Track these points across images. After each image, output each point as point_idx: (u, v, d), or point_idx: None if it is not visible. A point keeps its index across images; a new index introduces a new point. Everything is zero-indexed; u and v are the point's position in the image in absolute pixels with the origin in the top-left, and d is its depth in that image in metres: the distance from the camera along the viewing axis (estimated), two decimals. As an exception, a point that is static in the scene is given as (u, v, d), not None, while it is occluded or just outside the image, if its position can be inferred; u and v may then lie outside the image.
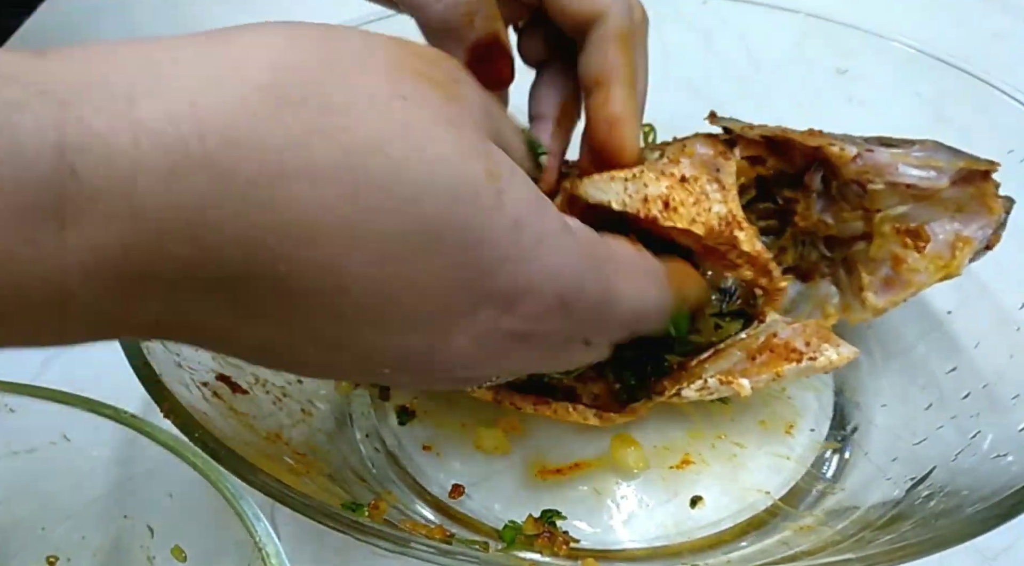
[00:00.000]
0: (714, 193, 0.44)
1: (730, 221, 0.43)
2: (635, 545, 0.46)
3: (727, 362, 0.45)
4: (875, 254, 0.47)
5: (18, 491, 0.42)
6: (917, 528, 0.40)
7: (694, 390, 0.45)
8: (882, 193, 0.45)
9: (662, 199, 0.43)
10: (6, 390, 0.41)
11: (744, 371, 0.45)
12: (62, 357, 0.57)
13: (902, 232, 0.46)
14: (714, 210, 0.43)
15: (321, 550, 0.46)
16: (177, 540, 0.41)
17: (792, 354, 0.45)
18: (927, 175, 0.44)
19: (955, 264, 0.45)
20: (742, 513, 0.47)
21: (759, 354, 0.45)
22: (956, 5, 0.85)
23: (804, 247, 0.50)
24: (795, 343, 0.45)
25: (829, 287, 0.49)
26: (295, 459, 0.43)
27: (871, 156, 0.45)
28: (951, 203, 0.45)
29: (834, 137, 0.46)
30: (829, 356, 0.44)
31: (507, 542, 0.44)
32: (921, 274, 0.46)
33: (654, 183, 0.43)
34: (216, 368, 0.45)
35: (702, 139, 0.47)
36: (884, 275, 0.47)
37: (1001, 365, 0.48)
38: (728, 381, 0.44)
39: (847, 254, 0.49)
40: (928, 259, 0.45)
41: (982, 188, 0.44)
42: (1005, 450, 0.43)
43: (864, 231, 0.47)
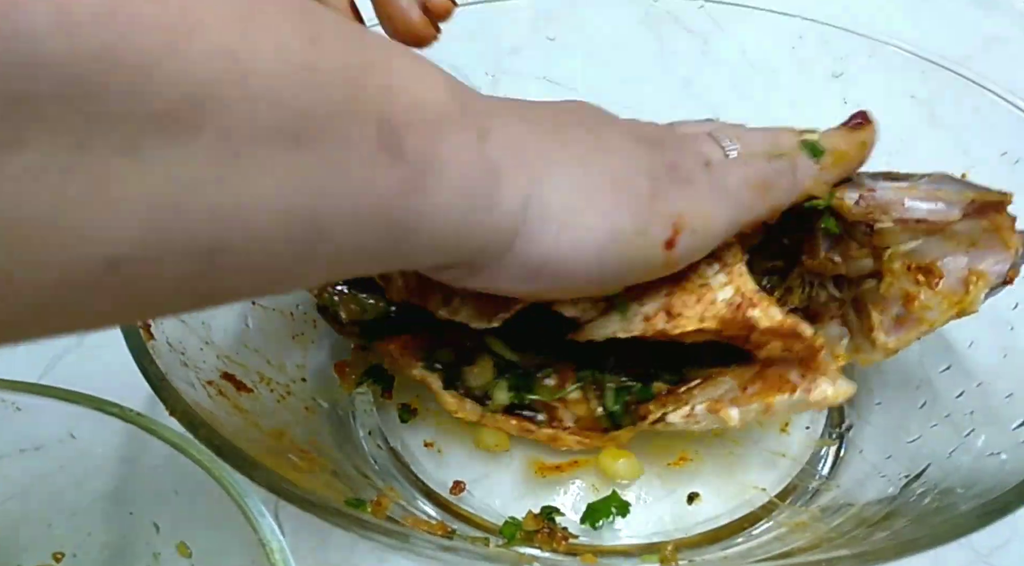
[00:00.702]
0: (716, 277, 0.42)
1: (740, 302, 0.41)
2: (633, 541, 0.46)
3: (717, 390, 0.44)
4: (886, 292, 0.44)
5: (25, 488, 0.43)
6: (911, 525, 0.40)
7: (680, 417, 0.44)
8: (891, 231, 0.43)
9: (664, 310, 0.41)
10: (12, 389, 0.41)
11: (734, 400, 0.43)
12: (68, 356, 0.57)
13: (913, 269, 0.43)
14: (720, 299, 0.41)
15: (324, 546, 0.46)
16: (182, 537, 0.41)
17: (785, 385, 0.43)
18: (936, 208, 0.42)
19: (969, 300, 0.43)
20: (738, 509, 0.47)
21: (751, 384, 0.43)
22: (950, 9, 0.86)
23: (812, 287, 0.47)
24: (789, 374, 0.43)
25: (839, 329, 0.47)
26: (299, 456, 0.44)
27: (874, 196, 0.42)
28: (964, 237, 0.43)
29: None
30: (824, 390, 0.42)
31: (507, 538, 0.44)
32: (933, 311, 0.43)
33: (651, 295, 0.41)
34: (221, 366, 0.46)
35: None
36: (896, 314, 0.44)
37: (995, 364, 0.48)
38: (716, 410, 0.43)
39: (857, 293, 0.47)
40: (941, 296, 0.43)
41: (996, 221, 0.42)
42: (999, 448, 0.43)
43: (874, 269, 0.45)
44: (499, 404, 0.47)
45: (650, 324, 0.42)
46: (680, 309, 0.41)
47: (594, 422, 0.46)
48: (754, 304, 0.41)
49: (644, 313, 0.42)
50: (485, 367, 0.47)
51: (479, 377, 0.47)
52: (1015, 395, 0.45)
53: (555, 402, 0.47)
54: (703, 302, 0.41)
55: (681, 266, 0.40)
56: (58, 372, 0.56)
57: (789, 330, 0.41)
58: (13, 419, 0.41)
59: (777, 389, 0.43)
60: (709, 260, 0.42)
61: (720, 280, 0.42)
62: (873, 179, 0.44)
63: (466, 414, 0.47)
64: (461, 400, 0.47)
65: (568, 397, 0.47)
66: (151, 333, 0.41)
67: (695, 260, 0.40)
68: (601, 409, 0.46)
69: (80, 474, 0.42)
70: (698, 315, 0.41)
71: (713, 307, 0.41)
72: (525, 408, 0.47)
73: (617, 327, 0.43)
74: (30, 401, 0.41)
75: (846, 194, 0.43)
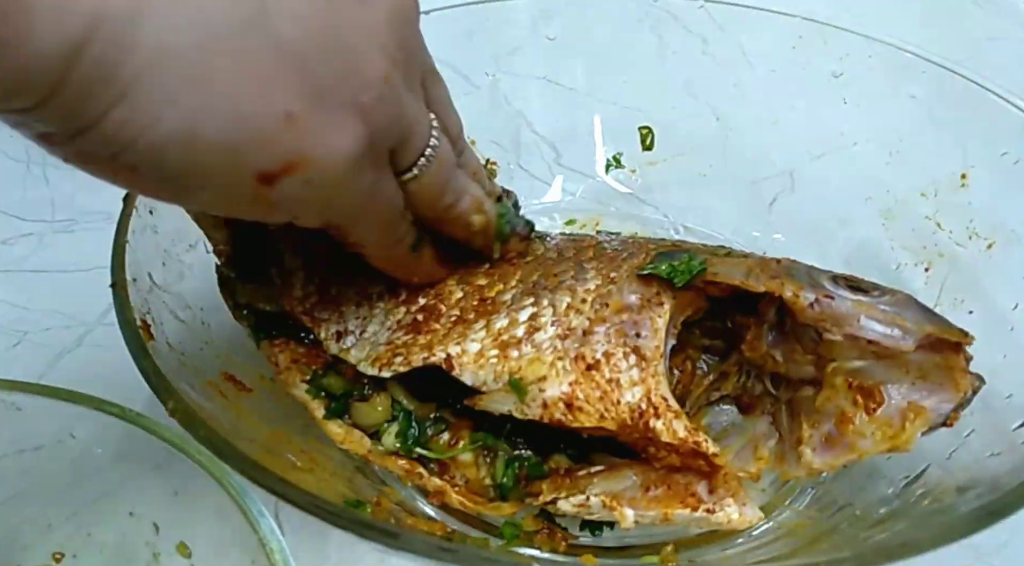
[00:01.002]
0: (628, 373, 0.39)
1: (644, 410, 0.39)
2: (633, 541, 0.46)
3: (618, 484, 0.41)
4: (821, 406, 0.41)
5: (25, 489, 0.43)
6: (912, 526, 0.40)
7: (572, 504, 0.41)
8: (839, 345, 0.40)
9: (564, 400, 0.39)
10: (13, 389, 0.41)
11: (632, 501, 0.40)
12: (68, 356, 0.58)
13: (855, 388, 0.40)
14: (624, 400, 0.39)
15: (325, 546, 0.46)
16: (182, 537, 0.41)
17: (689, 499, 0.40)
18: (891, 333, 0.39)
19: (904, 438, 0.39)
20: (739, 510, 0.47)
21: (654, 486, 0.40)
22: (950, 9, 0.86)
23: (748, 378, 0.45)
24: (696, 487, 0.40)
25: (768, 426, 0.44)
26: (298, 457, 0.44)
27: (830, 303, 0.40)
28: (914, 368, 0.40)
29: (794, 274, 0.41)
30: (730, 514, 0.39)
31: (507, 538, 0.44)
32: (867, 440, 0.40)
33: (555, 381, 0.39)
34: (221, 367, 0.46)
35: (636, 283, 0.42)
36: (827, 431, 0.41)
37: (995, 365, 0.48)
38: (612, 507, 0.40)
39: (793, 396, 0.44)
40: (876, 424, 0.40)
41: (950, 360, 0.39)
42: (999, 449, 0.43)
43: (814, 377, 0.42)
44: (387, 448, 0.44)
45: (547, 412, 0.40)
46: (582, 403, 0.39)
47: (482, 488, 0.43)
48: (658, 415, 0.39)
49: (544, 399, 0.40)
50: (378, 408, 0.44)
51: (369, 417, 0.44)
52: (1015, 396, 0.45)
53: (448, 459, 0.44)
54: (607, 400, 0.39)
55: (275, 215, 0.34)
56: (58, 372, 0.56)
57: (689, 450, 0.39)
58: (13, 419, 0.41)
59: (680, 500, 0.40)
60: (627, 350, 0.40)
61: (632, 377, 0.40)
62: (834, 283, 0.41)
63: (353, 446, 0.43)
64: (349, 430, 0.44)
65: (459, 457, 0.43)
66: (151, 333, 0.41)
67: (297, 213, 0.34)
68: (489, 479, 0.43)
69: (80, 474, 0.42)
70: (598, 413, 0.39)
71: (616, 408, 0.39)
72: (418, 457, 0.44)
73: (513, 407, 0.41)
74: (30, 401, 0.41)
75: (803, 294, 0.40)
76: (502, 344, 0.41)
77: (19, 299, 0.62)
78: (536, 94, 0.66)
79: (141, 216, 0.45)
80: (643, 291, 0.41)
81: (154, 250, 0.46)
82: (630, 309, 0.41)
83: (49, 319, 0.60)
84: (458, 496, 0.43)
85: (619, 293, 0.41)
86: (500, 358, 0.41)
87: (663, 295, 0.41)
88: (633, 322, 0.41)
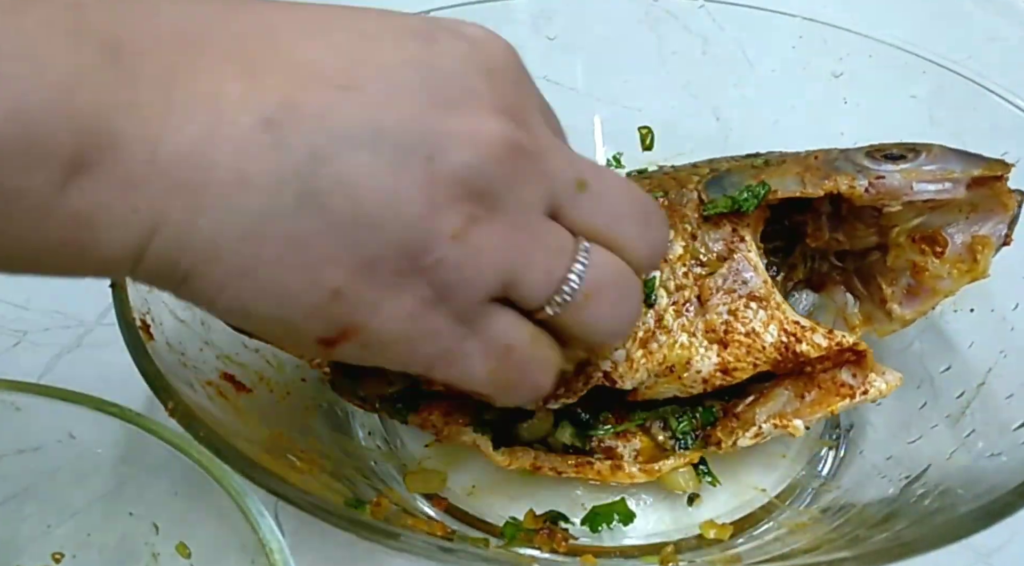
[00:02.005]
0: (756, 319, 0.43)
1: (786, 342, 0.42)
2: (633, 541, 0.46)
3: (776, 404, 0.44)
4: (893, 264, 0.45)
5: (24, 489, 0.43)
6: (912, 526, 0.40)
7: (749, 438, 0.44)
8: (898, 212, 0.44)
9: (719, 369, 0.43)
10: (12, 389, 0.41)
11: (796, 412, 0.44)
12: (68, 356, 0.58)
13: (918, 240, 0.45)
14: (767, 343, 0.42)
15: (324, 547, 0.46)
16: (182, 537, 0.41)
17: (843, 389, 0.44)
18: (944, 188, 0.43)
19: (980, 268, 0.44)
20: (739, 510, 0.47)
21: (806, 392, 0.44)
22: (950, 8, 0.86)
23: (814, 261, 0.48)
24: (841, 376, 0.44)
25: (845, 295, 0.48)
26: (298, 457, 0.44)
27: (882, 183, 0.43)
28: (966, 205, 0.44)
29: (838, 166, 0.44)
30: (879, 387, 0.43)
31: (507, 538, 0.44)
32: (945, 280, 0.45)
33: (702, 359, 0.42)
34: (221, 367, 0.45)
35: (710, 228, 0.44)
36: (905, 284, 0.46)
37: (995, 364, 0.48)
38: (783, 425, 0.44)
39: (860, 264, 0.47)
40: (950, 264, 0.44)
41: (995, 188, 0.43)
42: (999, 449, 0.43)
43: (878, 242, 0.46)
44: (558, 443, 0.46)
45: (708, 384, 0.43)
46: (734, 364, 0.43)
47: (656, 452, 0.46)
48: (799, 339, 0.42)
49: (701, 376, 0.43)
50: (542, 421, 0.46)
51: (539, 429, 0.46)
52: (1015, 396, 0.45)
53: (613, 439, 0.46)
54: (753, 351, 0.42)
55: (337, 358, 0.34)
56: (58, 372, 0.56)
57: (836, 351, 0.43)
58: (12, 419, 0.41)
59: (835, 394, 0.44)
60: (744, 301, 0.43)
61: (762, 319, 0.43)
62: (874, 160, 0.44)
63: (519, 463, 0.45)
64: (512, 452, 0.46)
65: (626, 432, 0.46)
66: (150, 334, 0.41)
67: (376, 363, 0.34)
68: (666, 436, 0.46)
69: (80, 474, 0.42)
70: (751, 364, 0.43)
71: (763, 353, 0.42)
72: (581, 451, 0.46)
73: (676, 390, 0.44)
74: (29, 401, 0.41)
75: (856, 183, 0.43)
76: (641, 342, 0.43)
77: (18, 299, 0.62)
78: (536, 93, 0.66)
79: (141, 216, 0.45)
80: (721, 234, 0.44)
81: (154, 250, 0.45)
82: (722, 258, 0.43)
83: (48, 319, 0.60)
84: (641, 472, 0.45)
85: (704, 248, 0.44)
86: (646, 356, 0.43)
87: (739, 228, 0.44)
88: (734, 272, 0.43)
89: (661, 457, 0.46)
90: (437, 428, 0.46)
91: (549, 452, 0.46)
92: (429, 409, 0.46)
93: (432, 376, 0.34)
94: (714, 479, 0.47)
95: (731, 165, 0.47)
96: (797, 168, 0.44)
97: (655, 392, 0.44)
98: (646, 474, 0.45)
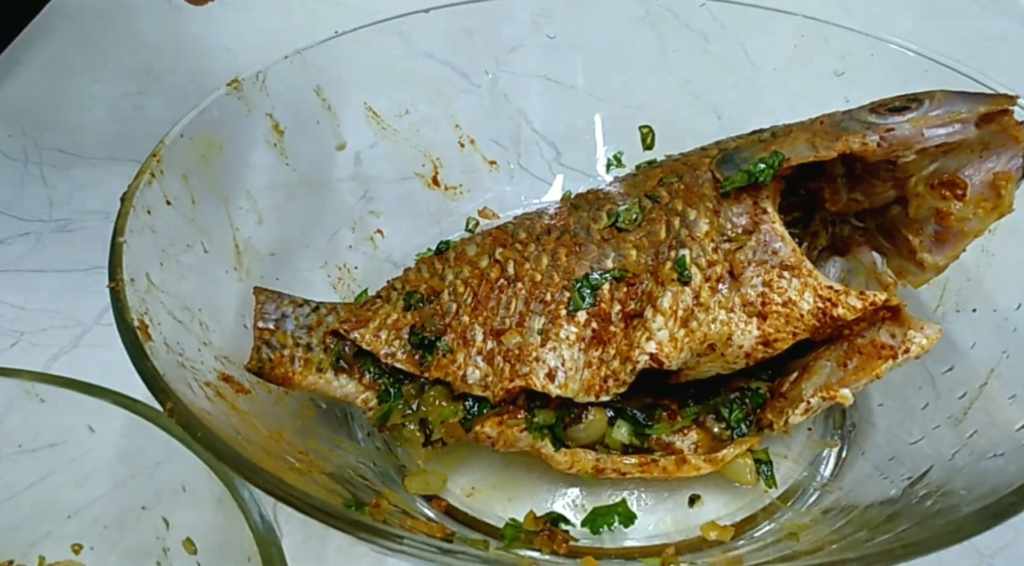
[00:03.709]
0: (791, 288, 0.43)
1: (823, 307, 0.43)
2: (634, 543, 0.46)
3: (821, 376, 0.45)
4: (916, 214, 0.45)
5: (45, 478, 0.43)
6: (914, 527, 0.40)
7: (800, 414, 0.44)
8: (913, 162, 0.44)
9: (760, 342, 0.43)
10: (37, 380, 0.42)
11: (841, 381, 0.44)
12: (66, 357, 0.57)
13: (937, 186, 0.44)
14: (805, 310, 0.43)
15: (323, 548, 0.46)
16: (189, 533, 0.41)
17: (884, 351, 0.44)
18: (954, 130, 0.43)
19: (1007, 202, 0.43)
20: (740, 511, 0.47)
21: (848, 359, 0.44)
22: (952, 8, 0.85)
23: (835, 226, 0.48)
24: (880, 337, 0.44)
25: (871, 254, 0.48)
26: (297, 458, 0.43)
27: (893, 135, 0.43)
28: (977, 144, 0.43)
29: (846, 125, 0.44)
30: (919, 342, 0.43)
31: (508, 540, 0.44)
32: (972, 221, 0.44)
33: (743, 334, 0.43)
34: (219, 368, 0.45)
35: (732, 203, 0.45)
36: (932, 232, 0.45)
37: (997, 365, 0.48)
38: (830, 396, 0.44)
39: (881, 220, 0.47)
40: (974, 204, 0.44)
41: (1003, 122, 0.43)
42: (1001, 449, 0.43)
43: (896, 196, 0.46)
44: (616, 443, 0.46)
45: (751, 358, 0.44)
46: (775, 335, 0.43)
47: (714, 443, 0.46)
48: (835, 303, 0.43)
49: (744, 350, 0.43)
50: (598, 421, 0.46)
51: (593, 430, 0.46)
52: (1018, 396, 0.45)
53: (670, 435, 0.46)
54: (791, 320, 0.43)
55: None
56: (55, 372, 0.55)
57: (872, 310, 0.43)
58: (37, 410, 0.42)
59: (877, 357, 0.44)
60: (777, 271, 0.43)
61: (796, 287, 0.43)
62: (880, 116, 0.44)
63: (580, 465, 0.45)
64: (573, 453, 0.45)
65: (681, 428, 0.46)
66: (149, 334, 0.41)
67: None
68: (722, 426, 0.46)
69: (97, 467, 0.43)
70: (791, 333, 0.43)
71: (802, 322, 0.43)
72: (639, 450, 0.46)
73: (719, 368, 0.45)
74: (53, 392, 0.42)
75: (868, 139, 0.43)
76: (682, 321, 0.43)
77: (16, 299, 0.61)
78: (536, 93, 0.66)
79: (139, 216, 0.45)
80: (743, 207, 0.45)
81: (152, 250, 0.45)
82: (748, 231, 0.44)
83: (46, 319, 0.60)
84: (706, 463, 0.45)
85: (729, 223, 0.44)
86: (688, 334, 0.43)
87: (760, 201, 0.44)
88: (762, 244, 0.44)
89: (720, 447, 0.46)
90: (492, 438, 0.46)
91: (610, 453, 0.46)
92: (480, 421, 0.46)
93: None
94: (773, 482, 0.47)
95: (739, 142, 0.48)
96: (807, 135, 0.45)
97: (698, 372, 0.45)
98: (711, 464, 0.45)
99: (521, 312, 0.46)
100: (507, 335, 0.45)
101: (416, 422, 0.46)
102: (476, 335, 0.46)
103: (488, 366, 0.45)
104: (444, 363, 0.46)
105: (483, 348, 0.46)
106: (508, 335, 0.45)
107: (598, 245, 0.47)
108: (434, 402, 0.46)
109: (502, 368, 0.45)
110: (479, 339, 0.46)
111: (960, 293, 0.51)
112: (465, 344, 0.46)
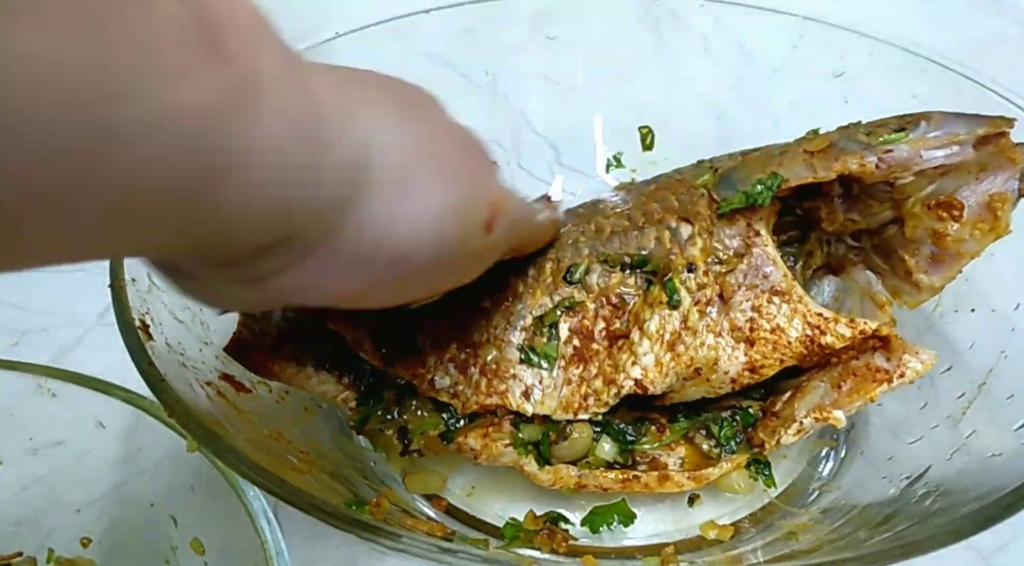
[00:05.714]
0: (780, 314, 0.43)
1: (811, 335, 0.43)
2: (633, 542, 0.46)
3: (814, 397, 0.44)
4: (912, 234, 0.45)
5: (55, 473, 0.44)
6: (913, 527, 0.40)
7: (792, 435, 0.44)
8: (911, 183, 0.44)
9: (746, 369, 0.43)
10: (50, 375, 0.42)
11: (835, 402, 0.44)
12: (67, 357, 0.57)
13: (934, 207, 0.44)
14: (792, 337, 0.43)
15: (324, 547, 0.46)
16: (197, 533, 0.42)
17: (879, 375, 0.43)
18: (952, 152, 0.43)
19: (1003, 224, 0.43)
20: (739, 511, 0.47)
21: (842, 381, 0.44)
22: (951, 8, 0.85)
23: (830, 245, 0.48)
24: (875, 361, 0.44)
25: (866, 274, 0.48)
26: (298, 457, 0.44)
27: (892, 156, 0.43)
28: (974, 165, 0.44)
29: (843, 146, 0.44)
30: (914, 367, 0.43)
31: (508, 539, 0.44)
32: (969, 242, 0.44)
33: (730, 359, 0.43)
34: (220, 367, 0.45)
35: (725, 224, 0.44)
36: (928, 253, 0.45)
37: (996, 365, 0.48)
38: (824, 417, 0.44)
39: (877, 240, 0.47)
40: (970, 225, 0.44)
41: (1000, 144, 0.43)
42: (1000, 449, 0.43)
43: (893, 216, 0.46)
44: (600, 460, 0.45)
45: (736, 383, 0.43)
46: (761, 361, 0.43)
47: (701, 460, 0.46)
48: (823, 331, 0.43)
49: (729, 376, 0.43)
50: (583, 439, 0.45)
51: (577, 447, 0.45)
52: (1016, 396, 0.45)
53: (656, 450, 0.46)
54: (779, 347, 0.43)
55: (491, 256, 0.37)
56: (57, 371, 0.56)
57: (860, 337, 0.43)
58: (48, 405, 0.43)
59: (871, 381, 0.43)
60: (767, 296, 0.43)
61: (785, 314, 0.43)
62: (873, 135, 0.44)
63: (563, 481, 0.45)
64: (555, 470, 0.45)
65: (671, 442, 0.46)
66: (150, 334, 0.41)
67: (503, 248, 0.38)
68: (711, 443, 0.46)
69: (107, 462, 0.43)
70: (778, 360, 0.43)
71: (789, 348, 0.43)
72: (624, 465, 0.46)
73: (703, 392, 0.44)
74: (64, 388, 0.43)
75: (866, 161, 0.43)
76: (668, 345, 0.43)
77: (17, 299, 0.62)
78: (536, 93, 0.66)
79: (140, 216, 0.45)
80: (736, 229, 0.44)
81: (153, 250, 0.45)
82: (739, 254, 0.44)
83: (47, 319, 0.60)
84: (689, 480, 0.45)
85: (721, 245, 0.44)
86: (674, 358, 0.43)
87: (754, 223, 0.44)
88: (753, 268, 0.43)
89: (707, 464, 0.45)
90: (476, 451, 0.45)
91: (593, 469, 0.45)
92: (464, 432, 0.45)
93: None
94: (771, 481, 0.47)
95: (735, 162, 0.47)
96: (803, 156, 0.44)
97: (683, 395, 0.44)
98: (695, 482, 0.45)
99: (501, 325, 0.45)
100: (484, 349, 0.45)
101: (395, 429, 0.46)
102: (451, 341, 0.45)
103: (460, 374, 0.44)
104: (412, 362, 0.45)
105: (456, 356, 0.45)
106: (485, 349, 0.45)
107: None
108: (415, 412, 0.45)
109: (477, 381, 0.44)
110: (454, 346, 0.45)
111: (958, 293, 0.51)
112: (437, 347, 0.45)
